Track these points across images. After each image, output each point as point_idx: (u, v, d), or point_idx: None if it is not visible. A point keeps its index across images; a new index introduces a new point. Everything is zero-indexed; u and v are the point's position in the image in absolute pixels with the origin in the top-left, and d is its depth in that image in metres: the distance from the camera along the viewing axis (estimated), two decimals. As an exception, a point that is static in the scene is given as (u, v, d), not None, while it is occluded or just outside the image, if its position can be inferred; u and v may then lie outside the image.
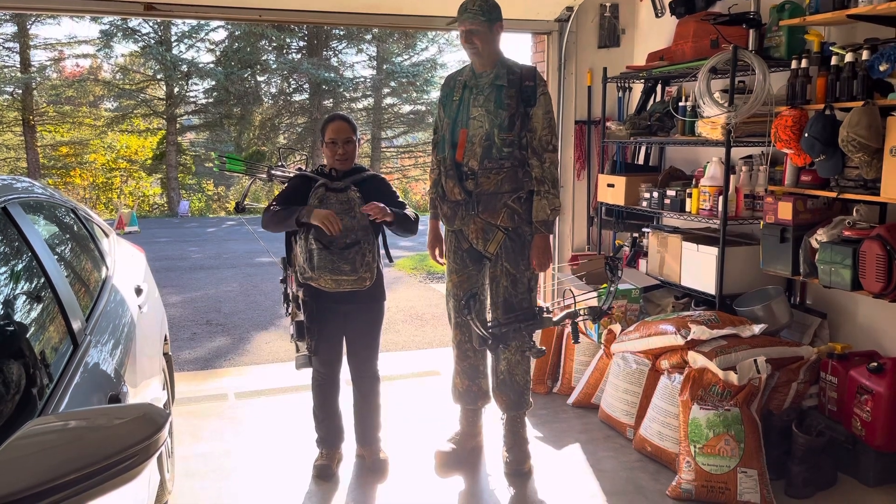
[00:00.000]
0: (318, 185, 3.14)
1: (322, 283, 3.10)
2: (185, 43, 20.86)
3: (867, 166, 3.04)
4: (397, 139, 24.05)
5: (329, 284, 3.10)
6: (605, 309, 3.42)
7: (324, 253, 3.05)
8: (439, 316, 7.01)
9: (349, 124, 3.23)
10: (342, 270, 3.07)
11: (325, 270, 3.06)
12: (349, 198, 3.13)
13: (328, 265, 3.05)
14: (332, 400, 3.42)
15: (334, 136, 3.19)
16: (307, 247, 3.07)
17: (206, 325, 6.83)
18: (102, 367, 2.02)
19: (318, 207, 3.06)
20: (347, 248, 3.08)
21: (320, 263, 3.05)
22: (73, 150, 21.52)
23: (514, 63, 3.26)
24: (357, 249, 3.09)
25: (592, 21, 5.15)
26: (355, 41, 21.45)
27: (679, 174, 4.49)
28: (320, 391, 3.39)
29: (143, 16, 4.28)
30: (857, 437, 3.17)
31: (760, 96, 3.55)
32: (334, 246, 3.06)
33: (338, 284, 3.10)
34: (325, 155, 3.25)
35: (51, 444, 1.23)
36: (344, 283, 3.10)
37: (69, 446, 1.22)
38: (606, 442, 3.69)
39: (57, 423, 1.32)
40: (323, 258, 3.05)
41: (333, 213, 3.02)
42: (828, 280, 3.26)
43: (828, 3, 3.25)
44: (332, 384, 3.39)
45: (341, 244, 3.07)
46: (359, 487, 3.29)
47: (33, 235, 2.03)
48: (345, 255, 3.07)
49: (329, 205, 3.09)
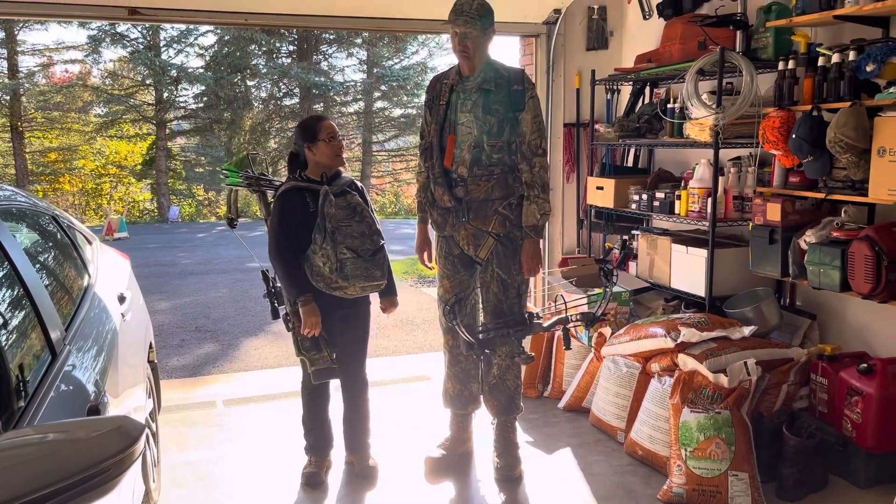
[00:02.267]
0: (325, 192, 3.05)
1: (350, 290, 3.09)
2: (175, 48, 20.79)
3: (855, 167, 3.04)
4: (388, 143, 24.03)
5: (357, 291, 3.10)
6: (599, 315, 3.40)
7: (358, 261, 3.04)
8: (430, 320, 6.98)
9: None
10: (374, 276, 3.10)
11: (359, 278, 3.05)
12: (349, 202, 3.09)
13: (362, 272, 3.05)
14: (323, 407, 3.39)
15: (333, 132, 3.14)
16: (337, 255, 3.01)
17: (195, 331, 6.78)
18: (81, 378, 1.98)
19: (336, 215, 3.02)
20: (376, 253, 3.11)
21: (354, 272, 3.03)
22: (61, 156, 21.39)
23: (501, 66, 3.23)
24: (383, 254, 3.15)
25: (580, 23, 5.15)
26: (345, 45, 21.42)
27: (668, 176, 4.49)
28: (311, 398, 3.35)
29: (127, 20, 4.24)
30: (847, 438, 3.16)
31: (748, 98, 3.55)
32: (365, 252, 3.06)
33: (364, 290, 3.13)
34: (325, 153, 3.12)
35: (25, 457, 1.21)
36: (370, 288, 3.14)
37: (44, 459, 1.20)
38: (597, 446, 3.67)
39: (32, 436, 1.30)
40: (357, 266, 3.03)
41: (319, 321, 3.06)
42: (817, 281, 3.25)
43: (814, 4, 3.25)
44: (323, 391, 3.36)
45: (369, 251, 3.08)
46: (348, 495, 3.26)
47: (11, 245, 1.99)
48: (375, 260, 3.10)
49: (340, 211, 3.04)
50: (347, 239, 3.02)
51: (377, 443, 3.53)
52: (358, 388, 3.36)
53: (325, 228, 3.01)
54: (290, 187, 3.14)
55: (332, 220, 3.02)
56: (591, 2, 5.09)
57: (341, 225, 3.03)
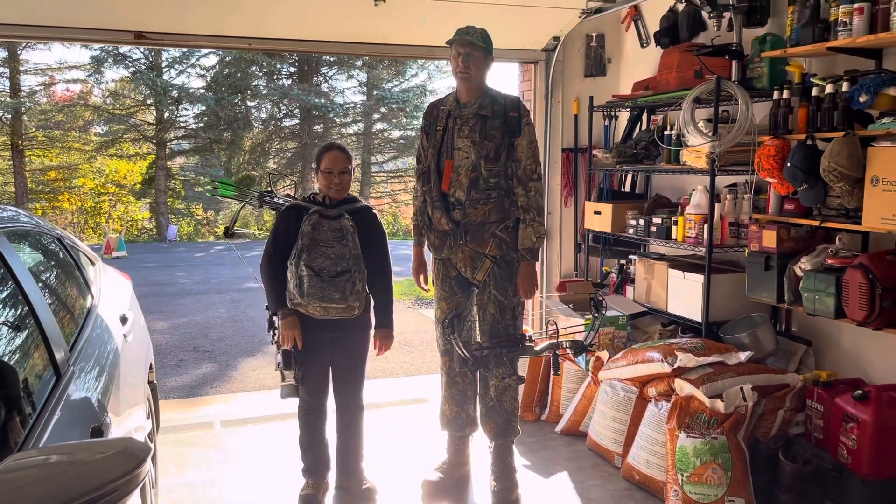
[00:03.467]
0: (312, 211, 3.13)
1: (311, 309, 3.09)
2: (176, 68, 20.94)
3: (848, 195, 3.08)
4: (387, 164, 24.15)
5: (318, 311, 3.09)
6: (587, 344, 3.43)
7: (315, 280, 3.04)
8: (428, 342, 6.99)
9: (345, 154, 3.24)
10: (332, 298, 3.07)
11: (314, 297, 3.05)
12: (342, 226, 3.13)
13: (318, 292, 3.05)
14: (319, 429, 3.38)
15: (330, 166, 3.19)
16: (297, 272, 3.06)
17: (193, 351, 6.78)
18: (85, 398, 2.00)
19: (312, 234, 3.07)
20: (338, 275, 3.07)
21: (310, 290, 3.04)
22: (61, 174, 21.44)
23: (497, 93, 3.31)
24: (347, 277, 3.09)
25: (579, 51, 5.22)
26: (346, 67, 21.59)
27: (665, 202, 4.53)
28: (307, 420, 3.35)
29: (133, 44, 4.31)
30: (843, 465, 3.17)
31: (744, 126, 3.60)
32: (325, 273, 3.06)
33: (326, 312, 3.09)
34: (320, 183, 3.24)
35: (31, 479, 1.22)
36: (332, 310, 3.10)
37: (49, 481, 1.21)
38: (594, 470, 3.68)
39: (38, 458, 1.31)
40: (313, 285, 3.04)
41: (298, 335, 3.13)
42: (812, 308, 3.28)
43: (808, 35, 3.31)
44: (319, 413, 3.35)
45: (332, 272, 3.06)
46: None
47: (17, 265, 2.02)
48: (335, 282, 3.07)
49: (321, 232, 3.08)
50: (318, 259, 3.06)
51: (375, 465, 3.53)
52: (352, 412, 3.36)
53: (298, 245, 3.09)
54: (290, 205, 3.26)
55: (304, 238, 3.07)
56: (590, 30, 5.17)
57: (320, 245, 3.07)
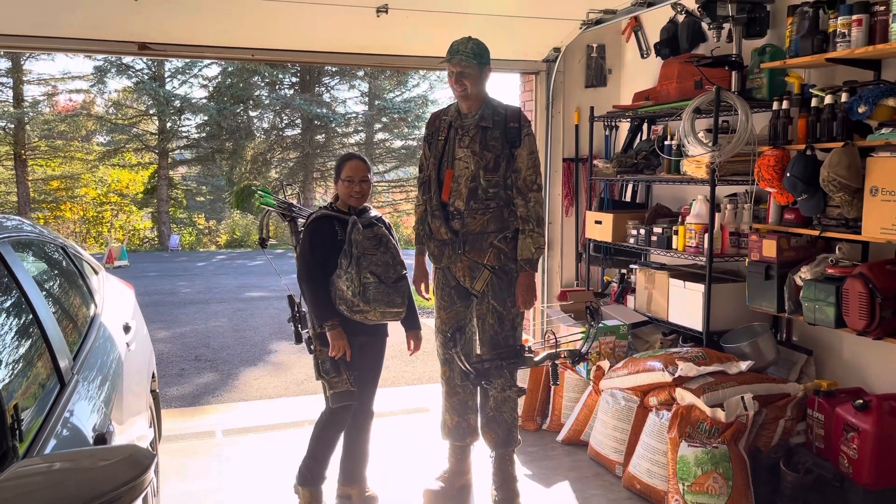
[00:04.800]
0: (353, 221, 3.17)
1: (371, 315, 3.15)
2: (179, 79, 21.03)
3: (848, 205, 3.10)
4: (388, 174, 24.19)
5: (377, 317, 3.17)
6: (584, 353, 3.44)
7: (381, 287, 3.12)
8: (429, 351, 6.96)
9: (365, 164, 3.30)
10: (395, 303, 3.17)
11: (380, 303, 3.12)
12: (376, 234, 3.21)
13: (384, 298, 3.13)
14: (336, 438, 3.34)
15: (352, 175, 3.24)
16: (361, 279, 3.09)
17: (195, 360, 6.79)
18: (89, 406, 2.01)
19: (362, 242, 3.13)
20: (399, 280, 3.20)
21: (376, 296, 3.11)
22: (63, 184, 21.50)
23: (498, 104, 3.33)
24: (405, 283, 3.23)
25: (580, 61, 5.25)
26: (347, 77, 21.68)
27: (665, 211, 4.55)
28: (328, 427, 3.28)
29: (137, 55, 4.33)
30: (844, 474, 3.17)
31: (743, 136, 3.62)
32: (388, 279, 3.15)
33: (384, 316, 3.18)
34: (341, 192, 3.27)
35: (36, 486, 1.23)
36: (390, 315, 3.19)
37: (54, 489, 1.22)
38: (596, 479, 3.68)
39: (42, 465, 1.33)
40: (380, 291, 3.11)
41: (347, 344, 3.15)
42: (812, 317, 3.29)
43: (807, 46, 3.33)
44: (342, 421, 3.30)
45: (392, 277, 3.17)
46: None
47: (22, 274, 2.04)
48: (398, 287, 3.18)
49: (366, 240, 3.15)
50: (372, 266, 3.12)
51: (377, 474, 3.54)
52: (364, 418, 3.40)
53: (352, 254, 3.11)
54: (321, 215, 3.27)
55: (358, 247, 3.13)
56: (591, 40, 5.20)
57: (367, 253, 3.14)
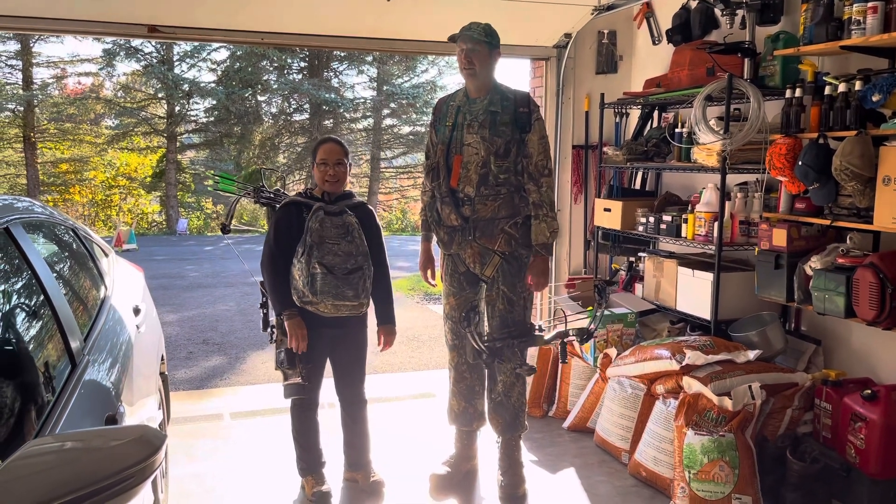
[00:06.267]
0: (317, 208, 3.10)
1: (321, 307, 3.07)
2: (187, 62, 21.05)
3: (860, 195, 3.08)
4: (396, 160, 24.17)
5: (328, 309, 3.08)
6: (592, 331, 3.44)
7: (328, 277, 3.02)
8: (436, 337, 7.00)
9: (341, 147, 3.23)
10: (345, 296, 3.06)
11: (328, 295, 3.03)
12: (345, 222, 3.11)
13: (332, 290, 3.03)
14: (315, 422, 3.36)
15: (325, 157, 3.18)
16: (309, 270, 3.03)
17: (203, 344, 6.82)
18: (100, 387, 2.03)
19: (320, 231, 3.05)
20: (351, 272, 3.07)
21: (323, 288, 3.02)
22: (73, 167, 21.58)
23: (507, 89, 3.31)
24: (360, 275, 3.10)
25: (591, 47, 5.22)
26: (356, 62, 21.63)
27: (675, 199, 4.53)
28: (306, 416, 3.31)
29: (146, 37, 4.33)
30: (851, 464, 3.17)
31: (755, 124, 3.59)
32: (338, 270, 3.04)
33: (337, 309, 3.09)
34: (316, 176, 3.23)
35: (48, 465, 1.24)
36: (343, 308, 3.09)
37: (66, 468, 1.23)
38: (601, 466, 3.69)
39: (54, 445, 1.33)
40: (327, 282, 3.02)
41: (305, 335, 3.09)
42: (822, 307, 3.27)
43: (821, 34, 3.29)
44: (314, 408, 3.34)
45: (344, 269, 3.06)
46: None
47: (34, 255, 2.05)
48: (349, 279, 3.06)
49: (326, 229, 3.07)
50: (327, 256, 3.03)
51: (383, 459, 3.56)
52: (358, 407, 3.39)
53: (305, 242, 3.05)
54: (289, 201, 3.21)
55: (313, 235, 3.04)
56: (602, 26, 5.16)
57: (327, 242, 3.05)
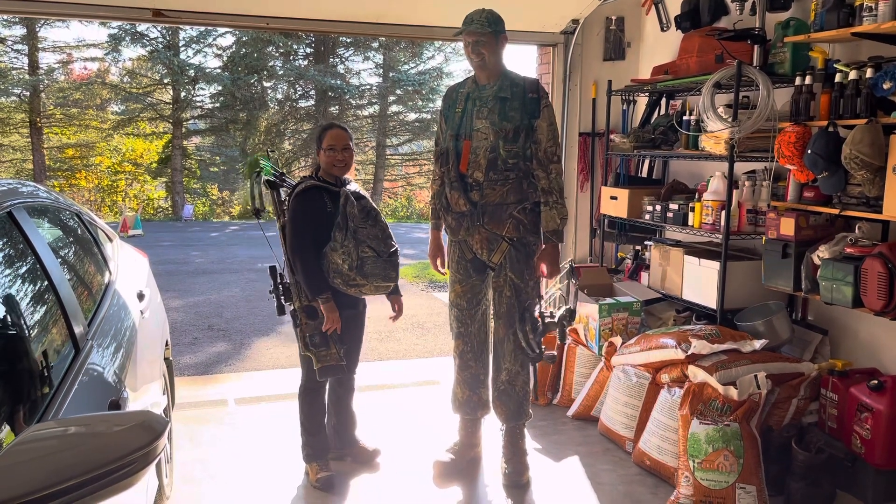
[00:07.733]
0: (345, 195, 3.17)
1: (366, 289, 3.18)
2: (193, 48, 20.99)
3: (869, 184, 3.05)
4: (402, 147, 24.11)
5: (370, 291, 3.20)
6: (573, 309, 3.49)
7: (378, 261, 3.15)
8: (441, 325, 7.01)
9: (346, 132, 3.32)
10: (390, 277, 3.21)
11: (377, 277, 3.15)
12: (365, 206, 3.23)
13: (381, 272, 3.16)
14: (324, 409, 3.49)
15: (333, 143, 3.25)
16: (358, 253, 3.10)
17: (208, 329, 6.84)
18: (103, 372, 2.03)
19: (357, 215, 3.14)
20: (393, 254, 3.23)
21: (374, 270, 3.13)
22: (78, 152, 21.60)
23: (516, 75, 3.30)
24: (397, 256, 3.26)
25: (598, 34, 5.17)
26: (362, 49, 21.54)
27: (682, 188, 4.50)
28: (313, 401, 3.38)
29: (151, 21, 4.30)
30: (856, 454, 3.16)
31: (764, 112, 3.56)
32: (384, 253, 3.17)
33: (377, 290, 3.21)
34: (323, 162, 3.28)
35: (50, 450, 1.23)
36: (383, 288, 3.23)
37: (68, 452, 1.22)
38: (605, 455, 3.69)
39: (57, 429, 1.33)
40: (377, 265, 3.14)
41: (339, 317, 3.17)
42: (829, 297, 3.25)
43: (832, 20, 3.25)
44: (322, 393, 3.45)
45: (387, 251, 3.20)
46: (357, 496, 3.29)
47: (37, 240, 2.04)
48: (392, 261, 3.22)
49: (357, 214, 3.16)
50: (371, 240, 3.14)
51: (386, 446, 3.59)
52: (346, 391, 3.54)
53: (347, 227, 3.11)
54: (310, 185, 3.22)
55: (353, 219, 3.13)
56: (610, 12, 5.11)
57: (360, 226, 3.14)
